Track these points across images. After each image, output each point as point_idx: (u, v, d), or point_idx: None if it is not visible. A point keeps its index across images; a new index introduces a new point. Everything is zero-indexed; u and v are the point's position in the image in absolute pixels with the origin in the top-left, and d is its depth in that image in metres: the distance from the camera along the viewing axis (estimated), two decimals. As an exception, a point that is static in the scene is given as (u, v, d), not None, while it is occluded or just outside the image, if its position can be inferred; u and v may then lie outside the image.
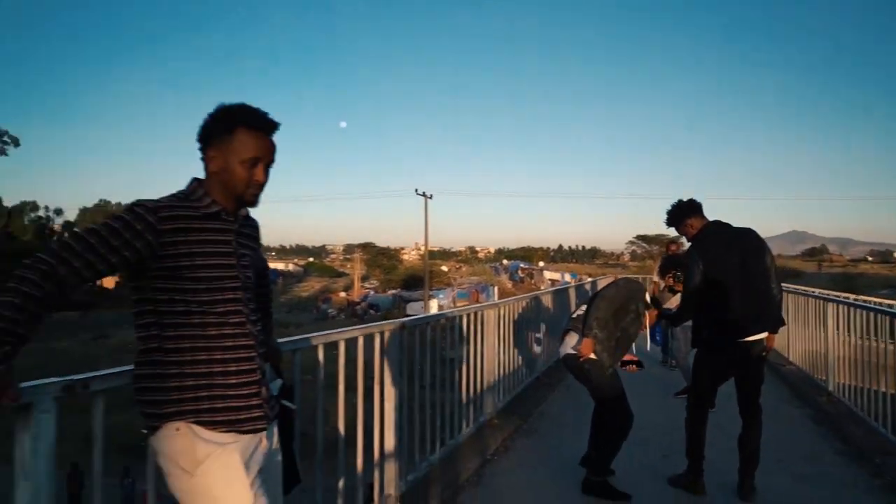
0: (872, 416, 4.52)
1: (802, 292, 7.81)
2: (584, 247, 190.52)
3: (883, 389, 4.36)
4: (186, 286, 1.50)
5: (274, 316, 2.11)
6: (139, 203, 1.48)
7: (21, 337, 1.29)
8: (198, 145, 1.61)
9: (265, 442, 1.64)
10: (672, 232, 3.88)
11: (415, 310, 36.52)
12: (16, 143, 58.80)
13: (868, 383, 4.79)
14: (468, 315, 4.39)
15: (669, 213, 3.60)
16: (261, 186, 1.62)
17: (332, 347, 2.66)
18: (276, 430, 1.73)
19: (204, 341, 1.50)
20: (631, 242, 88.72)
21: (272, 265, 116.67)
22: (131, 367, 1.55)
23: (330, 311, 51.02)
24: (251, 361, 1.58)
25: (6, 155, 58.48)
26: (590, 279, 17.33)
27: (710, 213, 3.57)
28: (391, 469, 3.04)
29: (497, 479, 3.71)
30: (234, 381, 1.53)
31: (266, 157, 1.61)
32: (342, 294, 66.15)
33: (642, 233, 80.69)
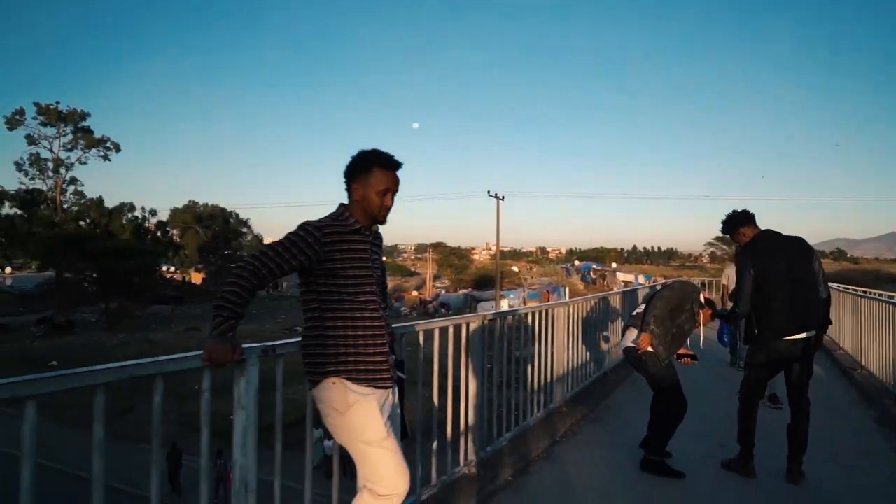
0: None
1: (864, 295, 7.80)
2: (659, 248, 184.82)
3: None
4: (339, 282, 2.12)
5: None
6: (308, 223, 2.12)
7: (241, 315, 1.94)
8: (343, 180, 2.25)
9: (391, 397, 2.25)
10: None
11: (485, 309, 36.90)
12: (117, 148, 64.03)
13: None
14: (540, 312, 4.90)
15: (724, 222, 3.98)
16: (388, 209, 2.24)
17: (426, 335, 3.26)
18: (396, 390, 2.33)
19: (352, 321, 2.12)
20: (710, 244, 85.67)
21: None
22: (299, 339, 2.20)
23: (403, 309, 52.17)
24: (382, 337, 2.19)
25: (109, 160, 63.82)
26: (664, 281, 17.24)
27: (797, 216, 3.89)
28: (473, 439, 3.60)
29: (564, 456, 4.21)
30: (371, 351, 2.14)
31: (393, 187, 2.23)
32: (414, 293, 67.54)
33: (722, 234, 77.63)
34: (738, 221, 3.91)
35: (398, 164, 2.23)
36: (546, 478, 3.83)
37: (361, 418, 2.10)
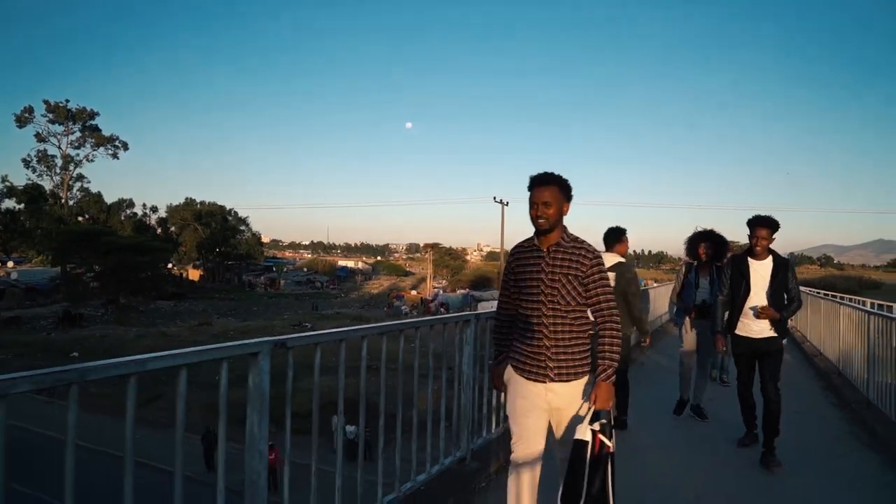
0: (853, 378, 6.70)
1: (822, 297, 9.73)
2: (650, 251, 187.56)
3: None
4: (514, 289, 2.70)
5: (349, 311, 4.20)
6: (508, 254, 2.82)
7: (505, 348, 2.74)
8: None
9: (547, 390, 2.61)
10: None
11: (486, 309, 38.32)
12: (125, 147, 64.73)
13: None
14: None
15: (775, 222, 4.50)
16: (536, 218, 2.57)
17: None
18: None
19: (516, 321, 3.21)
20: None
21: (341, 263, 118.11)
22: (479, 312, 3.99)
23: (403, 308, 52.69)
24: (532, 336, 2.59)
25: (118, 158, 64.40)
26: (655, 284, 18.02)
27: (786, 223, 4.61)
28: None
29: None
30: (519, 344, 2.67)
31: (538, 199, 2.55)
32: (412, 292, 68.29)
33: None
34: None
35: (536, 181, 2.62)
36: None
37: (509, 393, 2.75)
